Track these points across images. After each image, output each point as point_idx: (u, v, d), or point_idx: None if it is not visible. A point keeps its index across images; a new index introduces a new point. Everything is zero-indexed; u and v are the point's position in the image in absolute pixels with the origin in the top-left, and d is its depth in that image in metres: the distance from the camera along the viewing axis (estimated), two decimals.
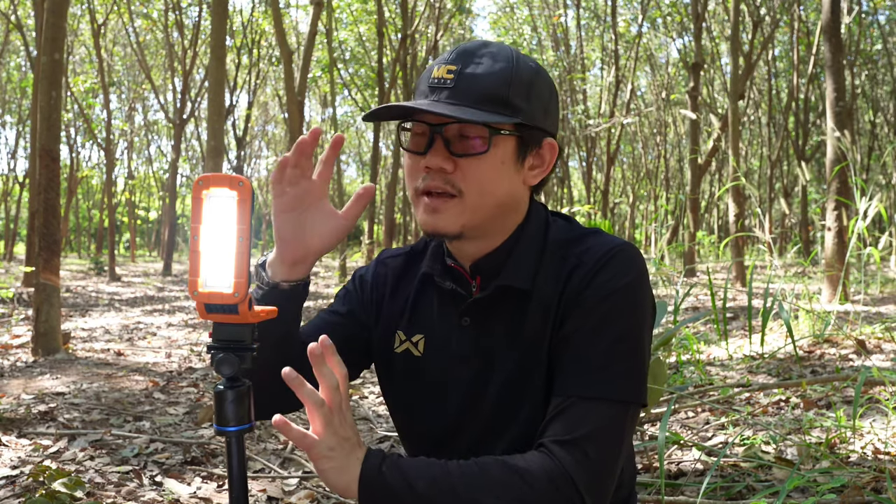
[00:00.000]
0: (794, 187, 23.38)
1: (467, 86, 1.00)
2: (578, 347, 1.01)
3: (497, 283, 1.08)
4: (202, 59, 20.12)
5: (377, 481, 0.92)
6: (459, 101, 1.00)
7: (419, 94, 1.05)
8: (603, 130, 17.81)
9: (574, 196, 32.64)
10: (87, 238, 41.75)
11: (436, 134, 1.02)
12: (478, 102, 1.00)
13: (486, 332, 1.10)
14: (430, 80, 1.02)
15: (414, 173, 1.06)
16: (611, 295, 1.02)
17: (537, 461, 0.95)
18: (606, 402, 0.99)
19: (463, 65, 1.01)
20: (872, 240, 5.03)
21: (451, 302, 1.13)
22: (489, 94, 1.00)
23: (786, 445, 2.51)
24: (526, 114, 1.03)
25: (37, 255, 4.74)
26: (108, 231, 16.25)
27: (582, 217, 7.73)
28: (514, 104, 1.02)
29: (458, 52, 1.03)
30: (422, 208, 1.05)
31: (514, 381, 1.08)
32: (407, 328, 1.17)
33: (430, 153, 1.02)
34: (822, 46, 9.74)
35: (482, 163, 1.02)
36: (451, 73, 1.01)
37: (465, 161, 1.02)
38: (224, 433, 0.93)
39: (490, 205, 1.05)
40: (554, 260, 1.08)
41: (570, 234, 1.10)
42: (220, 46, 7.21)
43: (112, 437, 2.89)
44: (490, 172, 1.03)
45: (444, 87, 1.01)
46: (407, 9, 14.97)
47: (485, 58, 1.02)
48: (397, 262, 1.23)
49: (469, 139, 1.02)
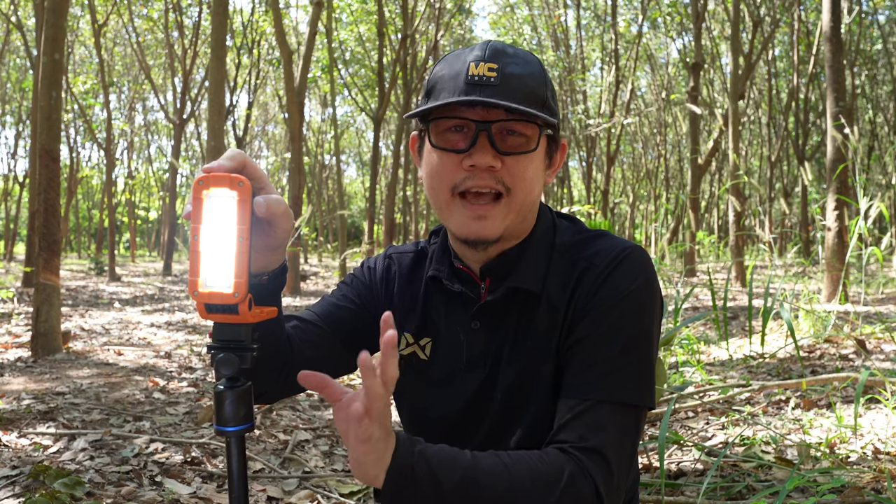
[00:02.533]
0: (795, 187, 23.39)
1: (513, 84, 0.99)
2: (592, 351, 1.01)
3: (508, 285, 1.07)
4: (202, 59, 20.13)
5: (406, 476, 0.87)
6: (508, 99, 0.98)
7: (452, 91, 1.01)
8: (603, 130, 17.81)
9: (574, 196, 32.64)
10: (87, 238, 41.77)
11: (481, 131, 1.00)
12: (524, 101, 0.99)
13: (496, 335, 1.09)
14: (469, 78, 1.00)
15: (451, 173, 1.02)
16: (623, 299, 1.02)
17: (563, 465, 0.93)
18: (622, 407, 0.99)
19: (502, 64, 1.00)
20: (873, 240, 5.04)
21: (461, 305, 1.12)
22: (533, 93, 1.00)
23: (786, 445, 2.50)
24: (556, 114, 1.05)
25: (37, 255, 4.74)
26: (108, 231, 16.25)
27: (582, 217, 7.73)
28: (550, 105, 1.03)
29: (493, 51, 1.02)
30: (464, 214, 1.02)
31: (522, 384, 1.08)
32: (414, 331, 1.17)
33: (477, 151, 1.00)
34: (822, 47, 9.74)
35: (529, 161, 1.02)
36: (492, 70, 0.99)
37: (514, 159, 1.01)
38: (224, 433, 0.93)
39: (529, 203, 1.05)
40: (562, 263, 1.08)
41: (578, 237, 1.10)
42: (220, 46, 7.21)
43: (112, 437, 2.89)
44: (534, 171, 1.03)
45: (488, 84, 0.99)
46: (407, 9, 14.97)
47: (518, 57, 1.02)
48: (406, 259, 1.21)
49: (517, 136, 1.01)
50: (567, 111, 20.42)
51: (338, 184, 20.86)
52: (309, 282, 14.83)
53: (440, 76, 1.04)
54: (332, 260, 29.98)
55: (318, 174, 29.53)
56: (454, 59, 1.04)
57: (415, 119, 1.09)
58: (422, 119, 1.06)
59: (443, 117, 1.02)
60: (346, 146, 35.40)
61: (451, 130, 1.03)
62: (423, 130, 1.07)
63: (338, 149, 18.19)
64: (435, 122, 1.03)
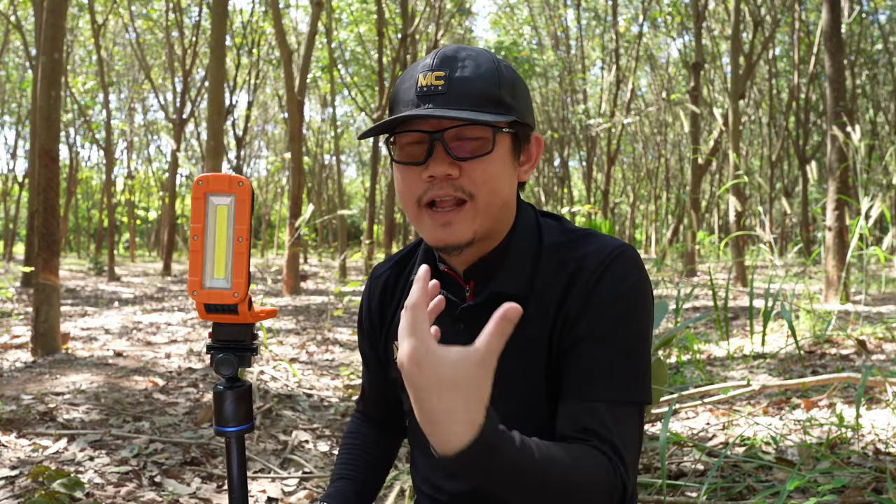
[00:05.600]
0: (795, 187, 23.40)
1: (460, 89, 0.99)
2: (592, 351, 1.02)
3: (490, 290, 1.08)
4: (202, 59, 20.14)
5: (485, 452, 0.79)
6: (456, 105, 0.98)
7: (404, 104, 1.02)
8: (603, 130, 17.82)
9: (574, 196, 32.66)
10: (86, 238, 41.79)
11: (435, 140, 1.00)
12: (474, 105, 0.99)
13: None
14: (419, 89, 1.00)
15: (413, 186, 1.03)
16: (619, 298, 1.02)
17: (600, 465, 0.94)
18: (627, 405, 1.00)
19: (450, 70, 1.00)
20: (873, 240, 5.03)
21: (445, 308, 1.13)
22: (483, 94, 1.00)
23: (786, 446, 2.50)
24: (517, 111, 1.03)
25: (36, 255, 4.74)
26: (108, 231, 16.25)
27: (582, 217, 7.74)
28: (506, 102, 1.01)
29: (441, 58, 1.01)
30: (430, 223, 1.03)
31: (510, 385, 1.08)
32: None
33: (433, 161, 1.00)
34: (822, 47, 9.74)
35: (488, 163, 1.01)
36: (440, 79, 0.99)
37: (471, 164, 1.01)
38: (223, 433, 0.93)
39: (498, 205, 1.04)
40: (551, 264, 1.08)
41: (566, 237, 1.10)
42: (219, 46, 7.21)
43: (111, 437, 2.88)
44: (496, 172, 1.02)
45: (436, 93, 0.99)
46: (407, 9, 14.98)
47: (468, 60, 1.01)
48: (385, 276, 1.25)
49: (471, 141, 1.01)
50: (567, 111, 20.42)
51: (338, 184, 20.83)
52: (309, 282, 14.83)
53: (397, 90, 1.04)
54: (331, 260, 30.00)
55: (318, 174, 29.54)
56: (410, 71, 1.04)
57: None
58: (387, 136, 1.08)
59: (401, 132, 1.03)
60: (346, 146, 35.40)
61: (411, 144, 1.04)
62: (389, 146, 1.08)
63: (338, 149, 18.21)
64: (396, 137, 1.05)
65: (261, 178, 36.10)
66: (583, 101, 22.23)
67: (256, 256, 31.79)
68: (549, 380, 1.06)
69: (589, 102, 23.61)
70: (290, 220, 10.68)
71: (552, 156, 26.88)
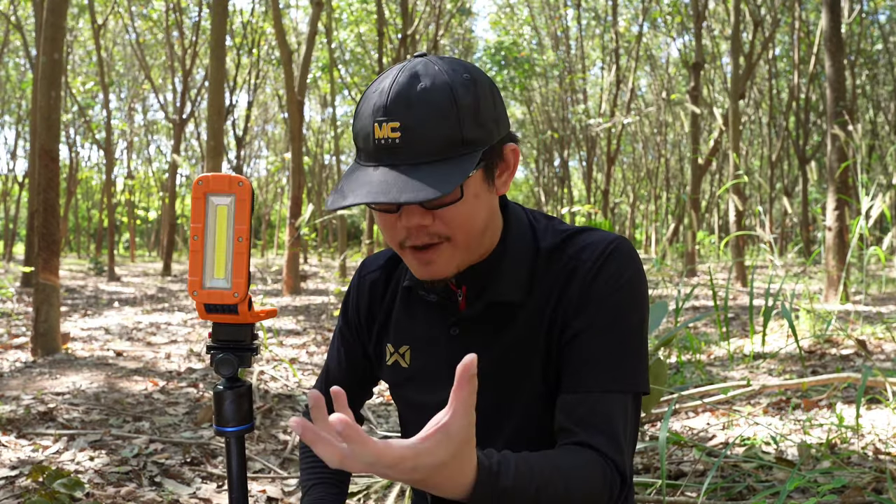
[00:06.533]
0: (795, 187, 23.39)
1: (418, 142, 0.94)
2: (592, 344, 1.03)
3: (486, 300, 1.08)
4: (202, 59, 20.13)
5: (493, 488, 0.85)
6: (416, 159, 0.94)
7: (366, 154, 0.98)
8: (603, 130, 17.82)
9: (574, 196, 32.65)
10: (86, 238, 41.78)
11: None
12: (437, 153, 0.94)
13: (476, 341, 1.09)
14: (376, 141, 0.95)
15: (392, 231, 1.02)
16: (617, 290, 1.03)
17: (596, 464, 0.96)
18: (626, 395, 1.02)
19: (403, 118, 0.94)
20: (873, 240, 5.03)
21: (439, 311, 1.13)
22: (443, 140, 0.94)
23: (786, 446, 2.50)
24: (483, 140, 0.98)
25: (36, 255, 4.73)
26: (108, 231, 16.25)
27: (582, 217, 7.74)
28: (470, 138, 0.96)
29: (392, 102, 0.95)
30: (414, 262, 1.04)
31: (507, 383, 1.09)
32: (394, 340, 1.19)
33: (405, 213, 0.99)
34: (822, 47, 9.74)
35: (461, 206, 0.99)
36: (395, 130, 0.94)
37: (442, 211, 0.99)
38: (223, 433, 0.93)
39: (477, 236, 1.03)
40: (549, 265, 1.08)
41: (561, 236, 1.10)
42: (220, 46, 7.21)
43: (111, 437, 2.88)
44: (469, 211, 1.00)
45: (393, 147, 0.94)
46: (407, 9, 14.97)
47: (421, 101, 0.95)
48: (373, 279, 1.24)
49: None
50: (567, 111, 20.42)
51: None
52: (309, 282, 14.83)
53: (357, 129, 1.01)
54: (332, 260, 29.98)
55: (318, 174, 29.52)
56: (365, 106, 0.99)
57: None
58: None
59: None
60: (345, 146, 35.35)
61: None
62: None
63: (338, 149, 18.19)
64: None
65: (261, 178, 36.08)
66: (583, 101, 22.23)
67: (256, 256, 31.78)
68: (548, 380, 1.07)
69: (589, 102, 23.60)
70: (290, 220, 10.68)
71: (552, 156, 26.89)
